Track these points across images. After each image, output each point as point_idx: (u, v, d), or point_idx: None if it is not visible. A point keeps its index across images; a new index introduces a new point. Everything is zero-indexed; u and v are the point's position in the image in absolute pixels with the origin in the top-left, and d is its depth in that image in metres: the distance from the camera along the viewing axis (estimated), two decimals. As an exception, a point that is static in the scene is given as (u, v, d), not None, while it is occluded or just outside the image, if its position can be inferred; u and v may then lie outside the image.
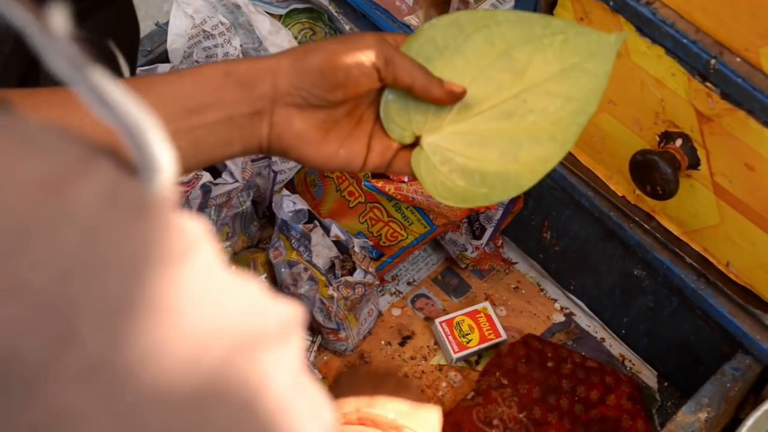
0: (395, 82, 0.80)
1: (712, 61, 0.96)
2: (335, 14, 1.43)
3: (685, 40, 0.97)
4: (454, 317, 1.38)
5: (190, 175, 1.29)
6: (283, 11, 1.44)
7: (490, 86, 0.83)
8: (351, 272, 1.33)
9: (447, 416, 1.27)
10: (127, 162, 0.36)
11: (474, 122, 0.82)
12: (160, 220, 0.35)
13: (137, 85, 0.78)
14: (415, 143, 0.84)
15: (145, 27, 1.72)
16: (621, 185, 1.21)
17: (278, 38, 1.36)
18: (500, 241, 1.46)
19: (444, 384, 1.36)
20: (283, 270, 1.33)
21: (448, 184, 0.81)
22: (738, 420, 1.14)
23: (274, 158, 1.38)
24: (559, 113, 0.81)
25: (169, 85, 0.77)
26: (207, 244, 0.37)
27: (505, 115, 0.82)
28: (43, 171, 0.33)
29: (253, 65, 0.79)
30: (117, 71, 0.98)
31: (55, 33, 0.35)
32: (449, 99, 0.82)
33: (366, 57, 0.79)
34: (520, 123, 0.82)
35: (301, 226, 1.33)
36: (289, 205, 1.33)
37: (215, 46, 1.36)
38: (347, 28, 1.42)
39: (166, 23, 1.38)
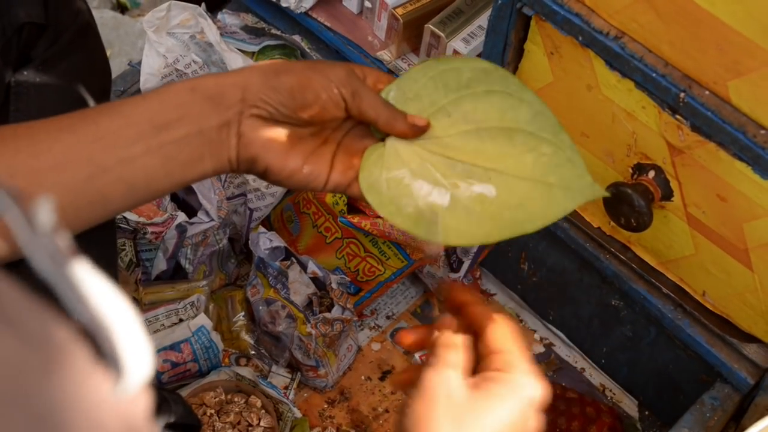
0: (361, 114, 0.81)
1: (682, 95, 0.96)
2: (308, 50, 1.43)
3: (654, 74, 0.98)
4: (434, 351, 1.37)
5: (165, 216, 1.28)
6: (255, 48, 1.44)
7: (473, 145, 0.82)
8: (329, 309, 1.32)
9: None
10: (99, 351, 0.36)
11: (437, 159, 0.83)
12: (114, 425, 0.35)
13: (104, 110, 0.78)
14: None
15: (120, 64, 1.72)
16: (596, 216, 1.21)
17: (251, 76, 1.36)
18: (478, 273, 1.46)
19: (425, 419, 1.35)
20: (260, 308, 1.32)
21: (381, 186, 0.81)
22: (719, 449, 1.14)
23: (249, 195, 1.38)
24: (510, 211, 0.81)
25: (135, 105, 0.77)
26: None
27: (465, 174, 0.82)
28: (10, 354, 0.33)
29: (220, 80, 0.79)
30: None
31: (39, 228, 0.35)
32: (412, 132, 0.82)
33: (336, 85, 0.80)
34: (471, 189, 0.81)
35: (278, 263, 1.32)
36: (265, 242, 1.33)
37: (188, 84, 1.36)
38: (320, 63, 1.42)
39: (139, 63, 1.37)
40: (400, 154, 0.83)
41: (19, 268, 0.45)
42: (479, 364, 0.71)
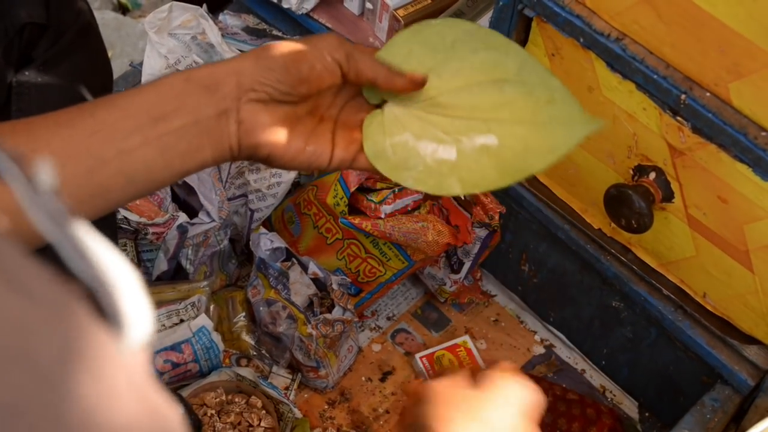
0: (358, 76, 0.81)
1: (683, 96, 0.96)
2: (309, 51, 1.43)
3: (655, 76, 0.98)
4: (434, 352, 1.38)
5: (167, 216, 1.28)
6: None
7: (467, 100, 0.84)
8: (330, 309, 1.32)
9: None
10: (100, 309, 0.36)
11: (436, 119, 0.84)
12: (114, 384, 0.35)
13: (100, 104, 0.78)
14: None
15: (121, 65, 1.72)
16: (597, 218, 1.21)
17: (253, 76, 1.36)
18: (479, 274, 1.47)
19: (425, 420, 1.35)
20: (261, 309, 1.33)
21: (387, 152, 0.82)
22: (719, 451, 1.15)
23: (250, 196, 1.38)
24: (515, 154, 0.82)
25: (131, 98, 0.78)
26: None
27: (465, 129, 0.83)
28: (14, 312, 0.33)
29: (214, 69, 0.80)
30: None
31: (40, 187, 0.35)
32: (412, 86, 0.83)
33: (328, 52, 0.80)
34: (474, 142, 0.83)
35: (278, 264, 1.32)
36: (266, 243, 1.33)
37: (190, 85, 1.36)
38: (322, 64, 1.42)
39: (141, 63, 1.38)
40: (400, 119, 0.83)
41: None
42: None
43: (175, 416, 0.39)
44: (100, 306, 0.36)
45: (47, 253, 0.37)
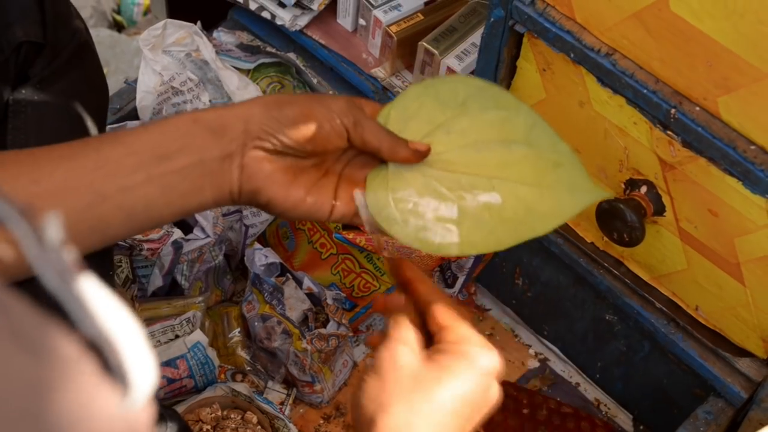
0: (363, 144, 0.82)
1: (672, 111, 0.97)
2: (303, 68, 1.44)
3: (645, 91, 0.99)
4: (429, 366, 1.38)
5: (161, 232, 1.29)
6: (251, 65, 1.45)
7: (473, 158, 0.84)
8: (324, 324, 1.33)
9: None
10: (106, 366, 0.36)
11: (441, 175, 0.84)
12: None
13: (106, 139, 0.79)
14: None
15: (116, 82, 1.73)
16: (589, 232, 1.22)
17: (246, 93, 1.37)
18: (473, 289, 1.47)
19: (420, 434, 1.35)
20: (256, 324, 1.33)
21: (390, 207, 0.82)
22: (712, 463, 1.15)
23: (245, 212, 1.38)
24: (518, 216, 0.82)
25: (137, 135, 0.78)
26: None
27: (469, 186, 0.83)
28: (22, 371, 0.34)
29: (222, 112, 0.80)
30: (86, 133, 0.99)
31: (47, 243, 0.36)
32: (415, 158, 0.83)
33: (338, 116, 0.81)
34: (477, 199, 0.83)
35: (273, 279, 1.33)
36: (261, 258, 1.33)
37: (184, 102, 1.37)
38: (315, 81, 1.43)
39: (135, 81, 1.38)
40: (404, 175, 0.83)
41: (28, 284, 0.46)
42: (431, 340, 0.72)
43: None
44: (105, 363, 0.36)
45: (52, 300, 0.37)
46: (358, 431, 0.68)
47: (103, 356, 0.36)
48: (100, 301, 0.36)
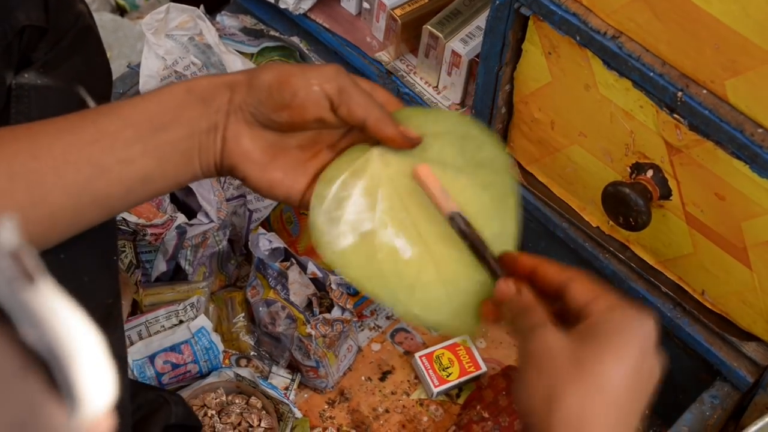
0: (349, 114, 0.77)
1: (679, 94, 0.97)
2: (306, 51, 1.43)
3: (651, 74, 0.98)
4: (434, 351, 1.38)
5: (165, 217, 1.29)
6: (254, 49, 1.45)
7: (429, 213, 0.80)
8: (329, 309, 1.33)
9: (429, 451, 1.27)
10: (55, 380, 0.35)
11: (392, 197, 0.79)
12: None
13: (102, 111, 0.78)
14: None
15: (119, 66, 1.72)
16: (595, 216, 1.22)
17: (250, 77, 1.36)
18: (478, 273, 1.47)
19: (425, 418, 1.35)
20: (260, 309, 1.33)
21: (332, 186, 0.78)
22: (718, 448, 1.15)
23: (249, 197, 1.38)
24: (401, 281, 0.78)
25: (133, 107, 0.77)
26: None
27: (402, 226, 0.79)
28: None
29: (212, 81, 0.79)
30: None
31: (0, 248, 0.34)
32: (400, 140, 0.79)
33: (317, 83, 0.76)
34: (392, 241, 0.79)
35: (277, 264, 1.33)
36: (265, 243, 1.33)
37: (188, 86, 1.36)
38: (319, 65, 1.43)
39: (138, 65, 1.38)
40: (370, 165, 0.79)
41: None
42: (573, 320, 0.66)
43: None
44: (54, 377, 0.35)
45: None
46: (533, 429, 0.63)
47: (51, 371, 0.34)
48: (53, 311, 0.34)
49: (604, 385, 0.62)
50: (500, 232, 0.80)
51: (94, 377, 0.35)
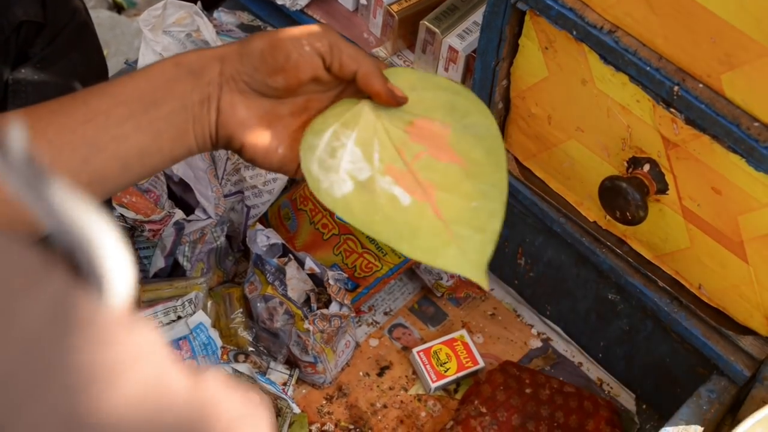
0: (341, 68, 0.78)
1: (676, 88, 0.97)
2: (304, 48, 1.43)
3: (648, 68, 0.98)
4: (432, 346, 1.38)
5: (162, 213, 1.29)
6: (252, 46, 1.45)
7: (426, 161, 0.82)
8: (327, 305, 1.33)
9: (427, 446, 1.27)
10: (80, 270, 0.36)
11: (388, 146, 0.81)
12: (101, 336, 0.35)
13: (93, 92, 0.78)
14: None
15: (117, 63, 1.73)
16: (592, 211, 1.22)
17: (248, 73, 1.36)
18: (475, 269, 1.47)
19: (423, 414, 1.36)
20: (258, 305, 1.33)
21: (323, 138, 0.79)
22: (715, 441, 1.15)
23: (247, 193, 1.38)
24: (404, 225, 0.80)
25: (123, 85, 0.78)
26: (150, 357, 0.37)
27: (399, 174, 0.80)
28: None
29: (202, 54, 0.79)
30: None
31: (12, 153, 0.35)
32: (387, 96, 0.80)
33: (308, 42, 0.77)
34: (392, 188, 0.80)
35: (275, 260, 1.33)
36: (263, 239, 1.33)
37: (185, 82, 1.36)
38: (316, 61, 1.43)
39: (136, 61, 1.38)
40: (361, 115, 0.81)
41: None
42: None
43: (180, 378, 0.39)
44: (80, 265, 0.36)
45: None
46: None
47: (77, 260, 0.36)
48: (70, 205, 0.36)
49: None
50: (492, 183, 0.82)
51: (117, 264, 0.36)
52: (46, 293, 0.34)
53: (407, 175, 0.81)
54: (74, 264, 0.36)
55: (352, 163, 0.80)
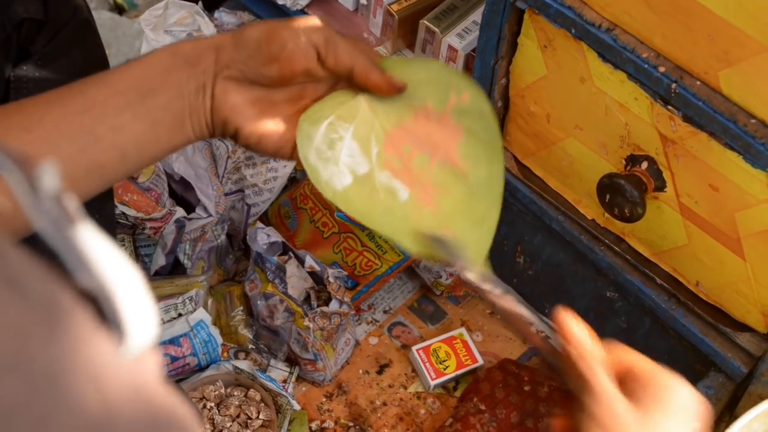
0: (336, 63, 0.79)
1: (673, 85, 0.97)
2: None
3: (646, 66, 0.99)
4: (431, 344, 1.39)
5: (163, 211, 1.29)
6: (252, 45, 1.45)
7: (423, 159, 0.83)
8: (327, 303, 1.33)
9: (426, 443, 1.28)
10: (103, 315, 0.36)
11: (384, 137, 0.82)
12: (119, 385, 0.35)
13: (90, 81, 0.78)
14: None
15: (118, 64, 1.73)
16: (590, 209, 1.22)
17: (248, 72, 1.37)
18: (475, 267, 1.47)
19: (422, 411, 1.36)
20: (259, 303, 1.33)
21: (319, 129, 0.80)
22: (713, 438, 1.15)
23: (247, 191, 1.39)
24: (399, 216, 0.80)
25: (120, 75, 0.78)
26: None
27: (397, 168, 0.81)
28: (18, 318, 0.33)
29: (197, 43, 0.80)
30: None
31: (43, 192, 0.35)
32: (386, 87, 0.81)
33: (304, 34, 0.78)
34: (391, 181, 0.81)
35: (275, 258, 1.33)
36: (263, 237, 1.34)
37: (186, 81, 1.37)
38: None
39: (137, 60, 1.38)
40: (358, 110, 0.81)
41: (28, 237, 0.46)
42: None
43: (188, 417, 0.39)
44: (102, 312, 0.36)
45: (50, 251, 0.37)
46: None
47: (100, 306, 0.36)
48: (98, 250, 0.36)
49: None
50: (489, 174, 0.82)
51: (141, 312, 0.36)
52: (63, 337, 0.34)
53: (405, 170, 0.81)
54: (98, 308, 0.36)
55: (350, 157, 0.80)
